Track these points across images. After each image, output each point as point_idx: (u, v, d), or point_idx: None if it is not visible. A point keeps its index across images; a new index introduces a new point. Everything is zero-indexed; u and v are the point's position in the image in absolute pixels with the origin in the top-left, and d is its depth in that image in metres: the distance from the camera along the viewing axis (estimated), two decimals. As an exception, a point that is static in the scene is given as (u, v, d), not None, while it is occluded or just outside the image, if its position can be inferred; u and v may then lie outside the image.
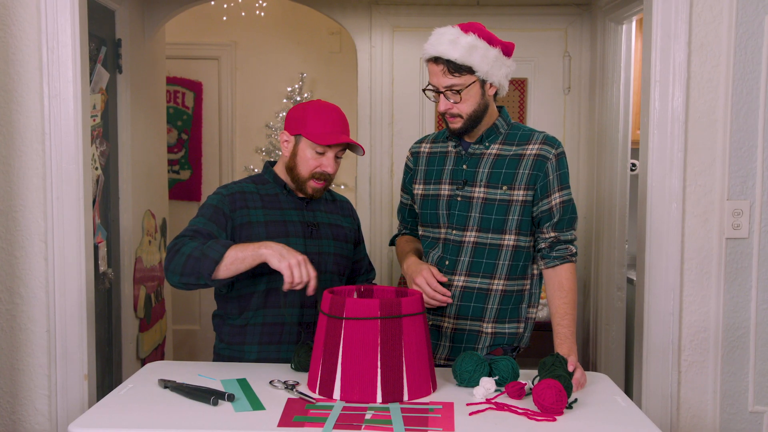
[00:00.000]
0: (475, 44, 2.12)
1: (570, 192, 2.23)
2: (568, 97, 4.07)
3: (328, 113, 2.24)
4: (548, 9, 4.03)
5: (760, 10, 2.46)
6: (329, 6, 4.12)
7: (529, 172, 2.19)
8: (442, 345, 2.28)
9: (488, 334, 2.25)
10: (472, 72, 2.13)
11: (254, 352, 2.22)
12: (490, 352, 2.26)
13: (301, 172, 2.24)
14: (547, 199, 2.20)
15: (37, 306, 2.50)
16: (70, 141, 2.46)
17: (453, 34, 2.13)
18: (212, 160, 5.38)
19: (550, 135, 2.24)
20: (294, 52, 5.31)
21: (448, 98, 2.16)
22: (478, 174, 2.22)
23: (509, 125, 2.27)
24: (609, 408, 1.86)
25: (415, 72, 4.10)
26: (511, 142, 2.24)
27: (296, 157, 2.24)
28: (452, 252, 2.25)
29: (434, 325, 2.28)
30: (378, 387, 1.83)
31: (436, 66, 2.16)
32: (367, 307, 1.84)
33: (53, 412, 2.51)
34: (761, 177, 2.50)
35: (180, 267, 2.05)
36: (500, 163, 2.21)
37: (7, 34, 2.44)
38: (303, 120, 2.23)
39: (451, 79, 2.14)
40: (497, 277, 2.23)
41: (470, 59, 2.11)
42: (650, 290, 2.56)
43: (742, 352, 2.55)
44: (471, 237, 2.22)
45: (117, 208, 3.51)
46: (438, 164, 2.31)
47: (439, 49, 2.13)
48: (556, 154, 2.20)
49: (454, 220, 2.24)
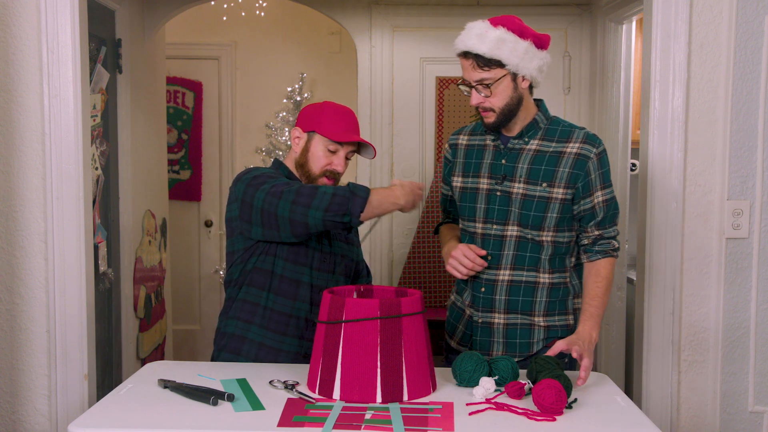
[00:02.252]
0: (504, 37, 2.11)
1: (612, 189, 2.23)
2: (568, 97, 4.07)
3: (343, 113, 2.30)
4: (548, 9, 4.03)
5: (760, 10, 2.46)
6: (329, 6, 4.12)
7: (569, 171, 2.19)
8: (496, 342, 2.27)
9: (542, 328, 2.24)
10: (502, 65, 2.13)
11: (260, 335, 2.23)
12: (546, 345, 2.24)
13: (312, 168, 2.27)
14: (589, 198, 2.20)
15: (37, 306, 2.50)
16: (70, 141, 2.46)
17: (482, 28, 2.13)
18: (212, 160, 5.38)
19: (591, 132, 2.23)
20: (294, 52, 5.31)
21: (479, 92, 2.16)
22: (518, 170, 2.22)
23: (548, 119, 2.27)
24: (609, 408, 1.86)
25: (415, 72, 4.10)
26: (552, 138, 2.23)
27: (308, 153, 2.28)
28: (494, 247, 2.25)
29: (485, 322, 2.27)
30: (378, 387, 1.83)
31: (466, 60, 2.16)
32: (366, 307, 1.84)
33: (53, 412, 2.51)
34: (761, 177, 2.50)
35: (326, 203, 2.06)
36: (540, 160, 2.21)
37: (7, 34, 2.44)
38: (318, 117, 2.27)
39: (481, 73, 2.14)
40: (542, 270, 2.23)
41: (498, 53, 2.11)
42: (650, 290, 2.56)
43: (742, 352, 2.55)
44: (513, 231, 2.23)
45: (117, 208, 3.51)
46: (476, 157, 2.31)
47: (467, 44, 2.13)
48: (597, 153, 2.19)
49: (494, 215, 2.25)
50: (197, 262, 5.41)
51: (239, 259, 2.24)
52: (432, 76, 4.11)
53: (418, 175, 4.14)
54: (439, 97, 4.10)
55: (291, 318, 2.23)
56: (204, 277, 5.41)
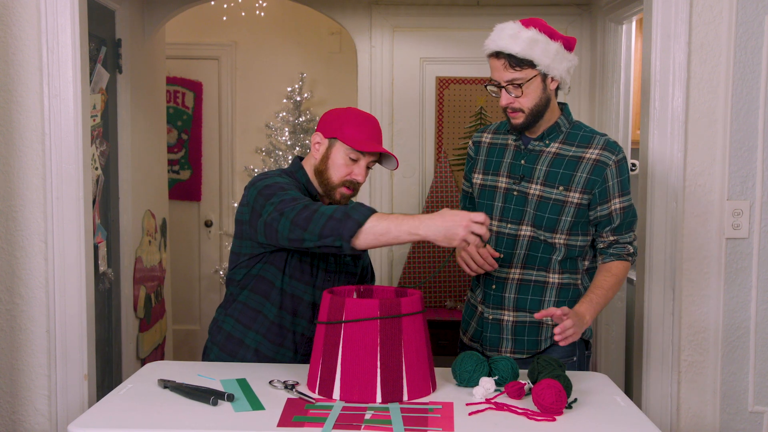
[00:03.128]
0: (536, 38, 2.13)
1: (630, 197, 2.24)
2: (568, 97, 4.07)
3: (367, 121, 2.20)
4: (548, 9, 4.03)
5: (760, 10, 2.46)
6: (329, 6, 4.12)
7: (587, 176, 2.19)
8: (505, 338, 2.28)
9: (550, 326, 2.25)
10: (534, 66, 2.14)
11: (256, 342, 2.22)
12: (553, 342, 2.24)
13: (332, 177, 2.18)
14: (606, 205, 2.21)
15: (37, 306, 2.50)
16: (70, 141, 2.46)
17: (514, 28, 2.14)
18: (212, 160, 5.38)
19: (611, 140, 2.23)
20: (294, 52, 5.31)
21: (509, 92, 2.17)
22: (536, 171, 2.23)
23: (571, 124, 2.28)
24: (609, 408, 1.86)
25: (415, 72, 4.10)
26: (572, 142, 2.24)
27: (328, 160, 2.19)
28: (507, 245, 2.26)
29: (495, 318, 2.29)
30: (378, 387, 1.83)
31: (498, 60, 2.16)
32: (366, 307, 1.84)
33: (53, 412, 2.52)
34: (761, 177, 2.50)
35: (320, 228, 1.89)
36: (558, 163, 2.22)
37: (7, 34, 2.44)
38: (341, 124, 2.18)
39: (513, 74, 2.14)
40: (552, 270, 2.24)
41: (531, 53, 2.12)
42: (650, 290, 2.56)
43: (742, 352, 2.55)
44: (527, 231, 2.24)
45: (117, 208, 3.51)
46: (498, 156, 2.32)
47: (500, 44, 2.14)
48: (616, 160, 2.20)
49: (509, 214, 2.26)
50: (197, 262, 5.41)
51: (245, 263, 2.21)
52: (432, 76, 4.11)
53: (418, 174, 4.14)
54: (439, 97, 4.10)
55: (288, 332, 2.22)
56: (204, 277, 5.41)
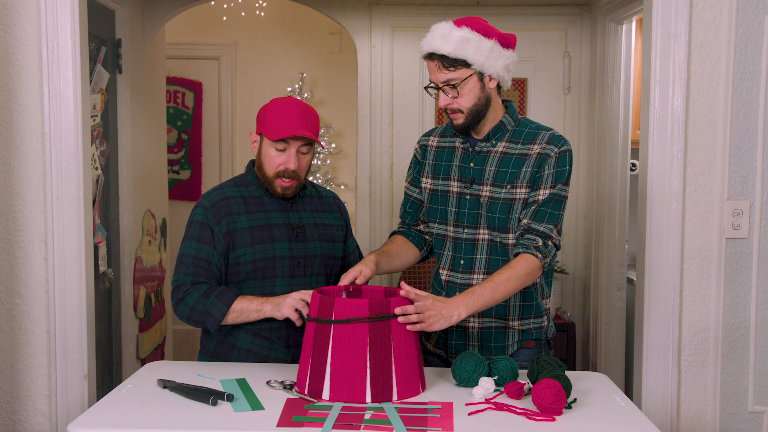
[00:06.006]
0: (468, 37, 2.10)
1: (564, 190, 2.16)
2: (568, 97, 4.07)
3: (286, 109, 2.19)
4: (548, 9, 4.03)
5: (760, 10, 2.46)
6: (329, 6, 4.12)
7: (531, 170, 2.15)
8: (471, 345, 2.24)
9: (516, 330, 2.23)
10: (468, 65, 2.11)
11: (247, 342, 2.23)
12: (522, 346, 2.23)
13: (267, 171, 2.22)
14: (535, 192, 2.15)
15: (37, 306, 2.50)
16: (70, 141, 2.46)
17: (445, 28, 2.12)
18: (212, 160, 5.38)
19: (556, 134, 2.19)
20: (294, 52, 5.31)
21: (446, 93, 2.15)
22: (485, 172, 2.20)
23: (516, 121, 2.24)
24: (608, 408, 1.86)
25: (415, 72, 4.10)
26: (518, 140, 2.20)
27: (261, 156, 2.24)
28: (466, 251, 2.23)
29: (460, 326, 2.23)
30: (367, 387, 1.83)
31: (432, 62, 2.15)
32: (356, 307, 1.84)
33: (53, 412, 2.52)
34: (761, 177, 2.50)
35: (186, 316, 2.20)
36: (506, 162, 2.19)
37: (7, 34, 2.44)
38: (262, 117, 2.23)
39: (447, 74, 2.12)
40: None
41: (463, 52, 2.09)
42: (650, 290, 2.55)
43: (742, 352, 2.55)
44: (484, 235, 2.21)
45: (117, 208, 3.51)
46: (446, 159, 2.29)
47: (432, 45, 2.12)
48: (558, 152, 2.14)
49: (464, 218, 2.23)
50: (197, 262, 5.40)
51: None
52: (432, 76, 4.11)
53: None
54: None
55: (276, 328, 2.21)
56: (204, 277, 5.40)
